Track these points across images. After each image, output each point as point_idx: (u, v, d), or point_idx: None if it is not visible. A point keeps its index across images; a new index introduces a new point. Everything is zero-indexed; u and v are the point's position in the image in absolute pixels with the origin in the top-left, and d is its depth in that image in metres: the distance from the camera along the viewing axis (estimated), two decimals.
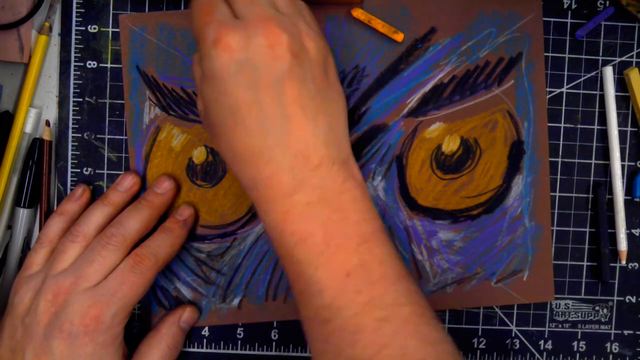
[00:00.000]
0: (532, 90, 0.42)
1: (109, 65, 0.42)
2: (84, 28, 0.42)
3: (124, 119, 0.42)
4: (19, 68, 0.43)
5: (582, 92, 0.43)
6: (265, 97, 0.32)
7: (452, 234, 0.43)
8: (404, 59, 0.42)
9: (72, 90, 0.42)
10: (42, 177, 0.42)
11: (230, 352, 0.43)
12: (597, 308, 0.44)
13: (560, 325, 0.44)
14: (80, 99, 0.42)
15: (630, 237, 0.43)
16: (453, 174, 0.43)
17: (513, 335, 0.44)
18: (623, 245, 0.43)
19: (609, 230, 0.43)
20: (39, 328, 0.36)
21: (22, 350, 0.36)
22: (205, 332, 0.43)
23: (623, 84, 0.43)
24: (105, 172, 0.43)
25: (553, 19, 0.42)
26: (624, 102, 0.43)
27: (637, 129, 0.43)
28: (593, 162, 0.43)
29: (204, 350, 0.43)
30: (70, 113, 0.42)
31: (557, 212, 0.43)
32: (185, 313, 0.42)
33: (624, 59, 0.43)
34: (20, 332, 0.37)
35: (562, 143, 0.43)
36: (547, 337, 0.44)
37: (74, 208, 0.41)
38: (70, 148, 0.42)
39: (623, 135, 0.43)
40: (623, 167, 0.43)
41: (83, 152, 0.42)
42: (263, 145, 0.32)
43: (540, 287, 0.43)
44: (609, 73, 0.42)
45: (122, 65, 0.42)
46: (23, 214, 0.42)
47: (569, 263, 0.44)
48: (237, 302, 0.43)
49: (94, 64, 0.42)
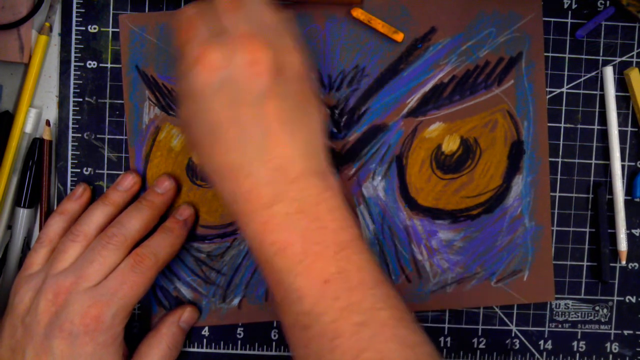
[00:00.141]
0: (532, 90, 0.42)
1: (109, 65, 0.42)
2: (84, 28, 0.42)
3: (124, 119, 0.42)
4: (19, 68, 0.43)
5: (582, 92, 0.43)
6: (246, 114, 0.32)
7: (452, 234, 0.43)
8: (404, 59, 0.42)
9: (72, 90, 0.42)
10: (42, 177, 0.42)
11: (230, 352, 0.43)
12: (597, 308, 0.44)
13: (560, 325, 0.44)
14: (80, 99, 0.42)
15: (630, 237, 0.43)
16: (453, 174, 0.43)
17: (513, 335, 0.44)
18: (623, 246, 0.43)
19: (609, 231, 0.43)
20: (39, 327, 0.36)
21: (22, 350, 0.36)
22: (205, 332, 0.43)
23: (623, 84, 0.43)
24: (105, 172, 0.43)
25: (553, 19, 0.42)
26: (624, 102, 0.43)
27: (637, 129, 0.43)
28: (593, 162, 0.43)
29: (204, 350, 0.43)
30: (70, 113, 0.42)
31: (557, 212, 0.43)
32: (185, 313, 0.42)
33: (624, 59, 0.43)
34: (21, 331, 0.37)
35: (562, 143, 0.43)
36: (547, 337, 0.44)
37: (75, 207, 0.41)
38: (70, 148, 0.42)
39: (623, 135, 0.43)
40: (623, 167, 0.43)
41: (83, 152, 0.42)
42: (242, 160, 0.32)
43: (540, 287, 0.43)
44: (609, 73, 0.42)
45: (121, 65, 0.42)
46: (23, 214, 0.42)
47: (569, 263, 0.44)
48: (237, 302, 0.43)
49: (94, 64, 0.42)
